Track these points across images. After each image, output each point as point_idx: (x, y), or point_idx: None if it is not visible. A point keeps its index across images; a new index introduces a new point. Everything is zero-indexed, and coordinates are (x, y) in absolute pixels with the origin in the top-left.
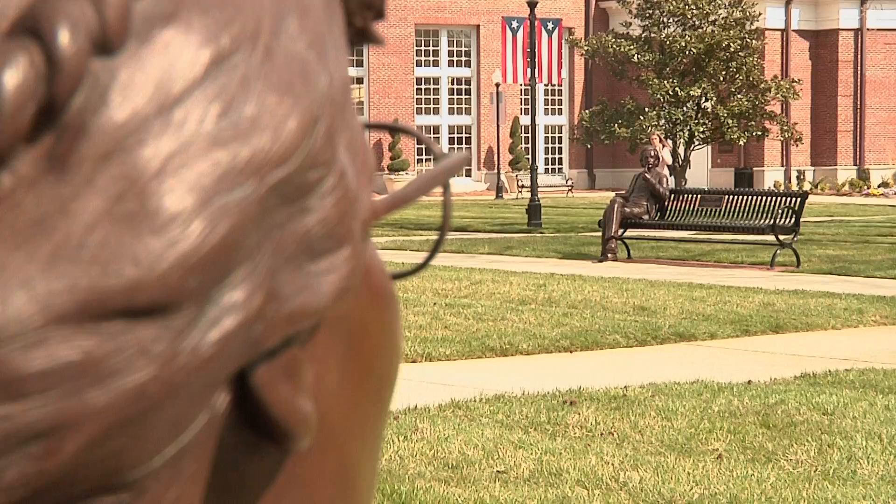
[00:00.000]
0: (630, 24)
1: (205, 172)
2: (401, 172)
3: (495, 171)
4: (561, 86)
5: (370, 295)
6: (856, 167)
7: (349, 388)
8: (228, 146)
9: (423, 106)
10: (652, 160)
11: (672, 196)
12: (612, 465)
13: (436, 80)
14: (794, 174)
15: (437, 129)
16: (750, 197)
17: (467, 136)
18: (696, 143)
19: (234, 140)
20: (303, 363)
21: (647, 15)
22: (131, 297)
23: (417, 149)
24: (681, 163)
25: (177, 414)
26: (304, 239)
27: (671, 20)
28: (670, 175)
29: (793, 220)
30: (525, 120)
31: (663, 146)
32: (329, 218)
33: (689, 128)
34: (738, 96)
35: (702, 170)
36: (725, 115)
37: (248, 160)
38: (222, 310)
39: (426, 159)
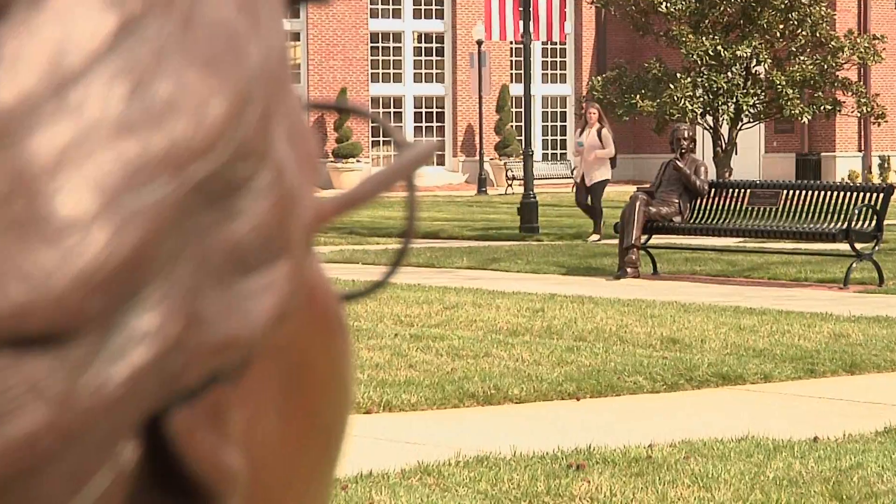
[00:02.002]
0: None
1: (109, 167)
2: (350, 160)
3: (476, 157)
4: (565, 44)
5: (314, 321)
6: None
7: (289, 437)
8: (139, 134)
9: (381, 71)
10: (686, 143)
11: (713, 191)
12: None
13: (397, 37)
14: (875, 162)
15: (398, 102)
16: (816, 192)
17: (439, 110)
18: (745, 120)
19: (146, 126)
20: (231, 406)
21: None
22: (19, 323)
23: (373, 128)
24: (724, 146)
25: (74, 468)
26: (233, 250)
27: None
28: (701, 168)
29: (874, 222)
30: (516, 90)
31: (600, 125)
32: (264, 223)
33: (734, 100)
34: (801, 58)
35: (752, 156)
36: (784, 82)
37: (164, 151)
38: (131, 338)
39: (384, 142)
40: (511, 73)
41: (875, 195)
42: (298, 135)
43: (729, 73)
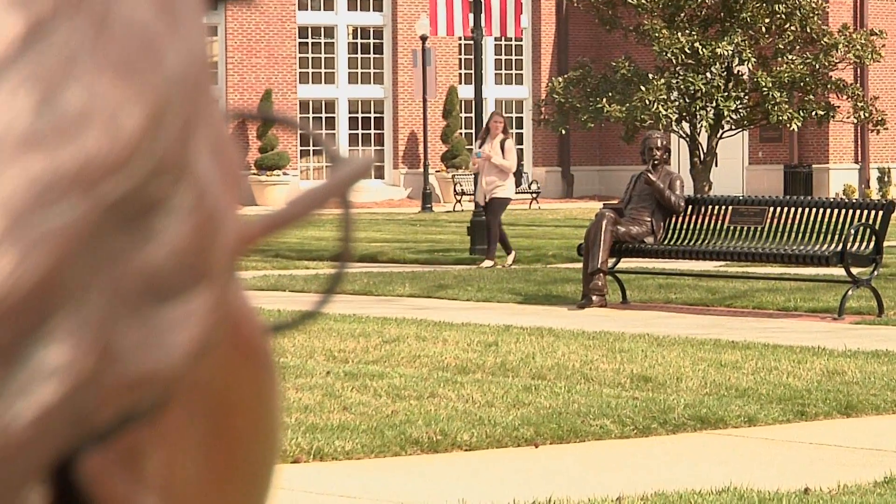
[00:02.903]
0: None
1: (14, 186)
2: (275, 172)
3: (420, 169)
4: (521, 40)
5: (239, 355)
6: None
7: (211, 481)
8: (47, 149)
9: (311, 71)
10: (659, 153)
11: (690, 208)
12: None
13: (329, 32)
14: (873, 175)
15: (331, 107)
16: (807, 209)
17: (378, 116)
18: (726, 127)
19: (55, 140)
20: (148, 448)
21: None
22: None
23: (302, 136)
24: (703, 157)
25: None
26: (149, 276)
27: None
28: (676, 182)
29: (872, 244)
30: (466, 92)
31: (504, 136)
32: (184, 248)
33: (714, 104)
34: (790, 56)
35: (735, 168)
36: (770, 84)
37: (75, 168)
38: (39, 374)
39: (315, 151)
40: (460, 74)
41: (873, 213)
42: (221, 148)
43: (708, 74)
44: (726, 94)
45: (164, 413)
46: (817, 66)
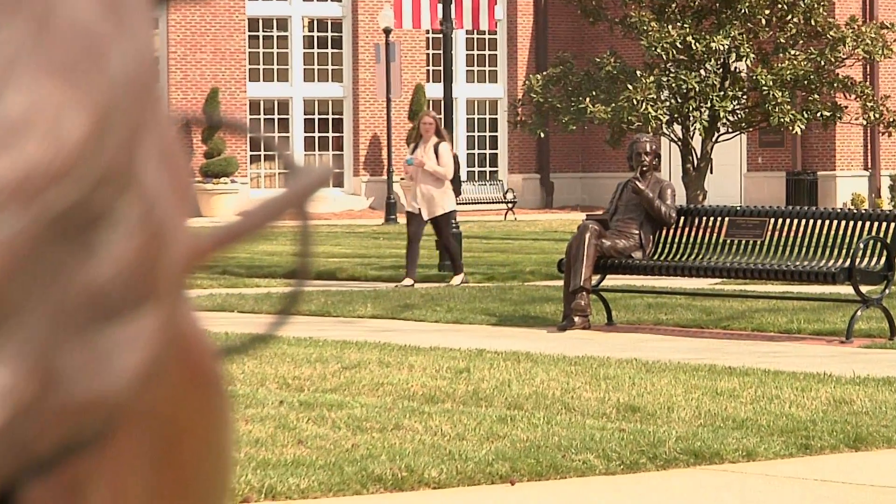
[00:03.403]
0: None
1: None
2: (223, 179)
3: (384, 177)
4: (495, 33)
5: (188, 380)
6: None
7: None
8: None
9: (262, 67)
10: (649, 158)
11: (682, 219)
12: None
13: (282, 24)
14: (884, 183)
15: (284, 107)
16: (811, 221)
17: (336, 117)
18: (723, 129)
19: None
20: (93, 479)
21: None
22: None
23: (252, 141)
24: (697, 163)
25: None
26: (93, 294)
27: None
28: (667, 191)
29: (883, 259)
30: (434, 91)
31: (438, 138)
32: (130, 263)
33: (709, 104)
34: (792, 52)
35: (732, 175)
36: (770, 83)
37: (14, 177)
38: None
39: (266, 156)
40: (427, 71)
41: (885, 225)
42: (170, 156)
43: (702, 71)
44: (722, 93)
45: (110, 441)
46: (822, 63)
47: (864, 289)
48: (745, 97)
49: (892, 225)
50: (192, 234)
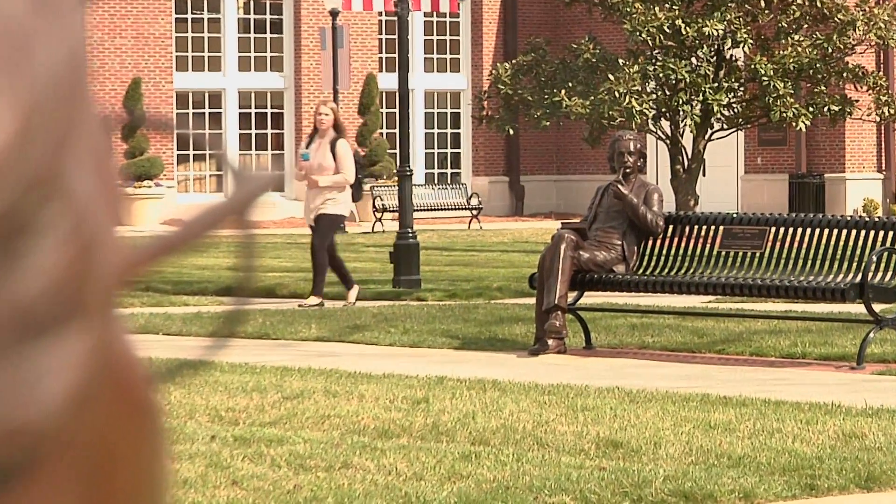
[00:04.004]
0: None
1: None
2: (146, 183)
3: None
4: (457, 16)
5: (122, 406)
6: None
7: None
8: None
9: (191, 54)
10: (633, 159)
11: (671, 228)
12: None
13: (214, 6)
14: None
15: (216, 100)
16: (818, 230)
17: (276, 111)
18: (717, 126)
19: None
20: None
21: None
22: None
23: (179, 138)
24: (688, 164)
25: None
26: (17, 311)
27: None
28: (653, 196)
29: None
30: (388, 82)
31: (336, 134)
32: (58, 277)
33: (701, 97)
34: (796, 38)
35: (727, 178)
36: (771, 72)
37: None
38: None
39: (196, 156)
40: (380, 59)
41: None
42: (101, 161)
43: (693, 59)
44: (716, 84)
45: (35, 474)
46: (830, 50)
47: (877, 307)
48: (742, 89)
49: None
50: (125, 246)
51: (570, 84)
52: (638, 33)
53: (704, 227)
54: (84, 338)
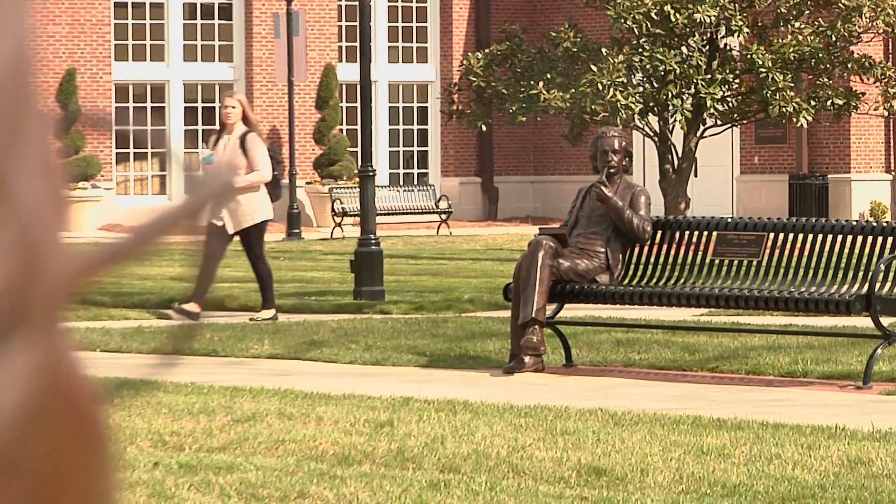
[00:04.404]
0: None
1: None
2: (81, 184)
3: (285, 180)
4: (425, 1)
5: (71, 424)
6: None
7: None
8: None
9: (131, 43)
10: (618, 158)
11: (660, 234)
12: None
13: None
14: None
15: (159, 93)
16: (820, 236)
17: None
18: (710, 122)
19: None
20: None
21: None
22: None
23: (118, 135)
24: (678, 164)
25: None
26: None
27: None
28: (640, 199)
29: None
30: (348, 73)
31: (247, 128)
32: (0, 288)
33: (692, 89)
34: (796, 25)
35: (721, 178)
36: (769, 63)
37: None
38: None
39: (138, 154)
40: (340, 48)
41: None
42: (47, 164)
43: (684, 49)
44: (709, 76)
45: None
46: (834, 38)
47: (885, 321)
48: (737, 81)
49: None
50: (73, 254)
51: (549, 76)
52: (623, 20)
53: (696, 232)
54: (30, 352)
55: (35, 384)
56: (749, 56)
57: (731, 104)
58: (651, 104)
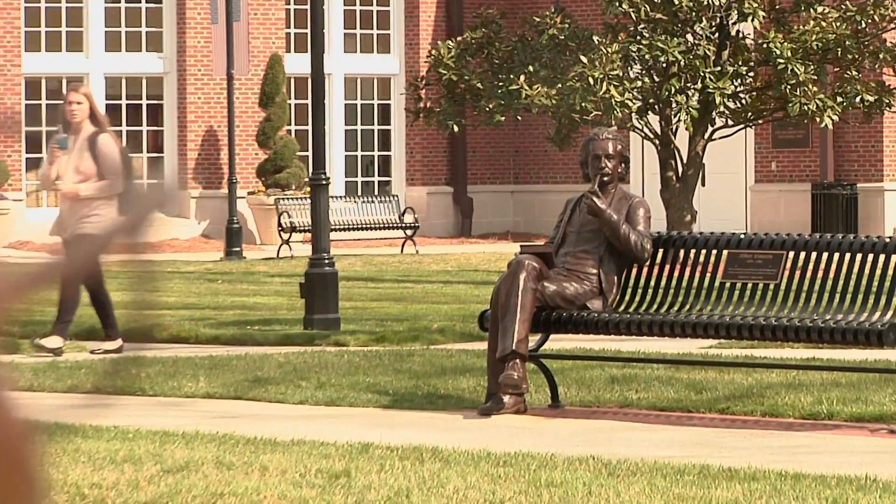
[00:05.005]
0: None
1: None
2: None
3: (224, 190)
4: None
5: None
6: None
7: None
8: None
9: (45, 30)
10: (612, 163)
11: (661, 253)
12: None
13: None
14: None
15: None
16: (848, 255)
17: (153, 102)
18: (720, 122)
19: None
20: None
21: None
22: None
23: (28, 138)
24: (682, 171)
25: None
26: None
27: None
28: (638, 211)
29: None
30: (297, 65)
31: (96, 128)
32: None
33: (700, 84)
34: (819, 9)
35: (733, 188)
36: (789, 52)
37: None
38: None
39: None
40: (288, 36)
41: None
42: None
43: (689, 37)
44: (719, 68)
45: None
46: (864, 25)
47: None
48: (751, 74)
49: None
50: (3, 274)
51: (532, 68)
52: (618, 3)
53: (704, 251)
54: None
55: None
56: (765, 45)
57: (744, 101)
58: (651, 101)
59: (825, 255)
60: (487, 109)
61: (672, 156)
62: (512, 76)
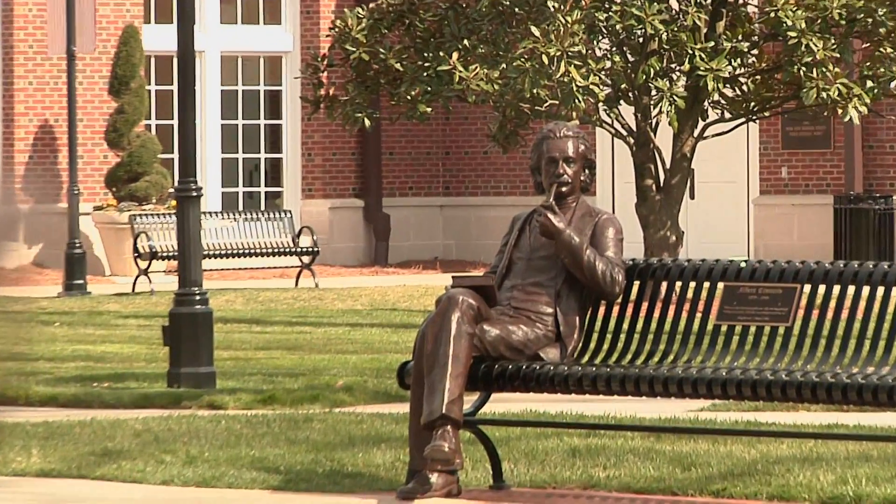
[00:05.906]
0: None
1: None
2: None
3: (62, 203)
4: None
5: None
6: None
7: None
8: None
9: None
10: (572, 170)
11: (636, 286)
12: None
13: None
14: None
15: None
16: (881, 288)
17: None
18: (713, 114)
19: None
20: None
21: None
22: None
23: None
24: (664, 178)
25: None
26: None
27: None
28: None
29: None
30: (159, 40)
31: None
32: None
33: (688, 65)
34: None
35: (731, 200)
36: (802, 24)
37: None
38: None
39: None
40: (148, 4)
41: None
42: None
43: (674, 2)
44: (712, 44)
45: None
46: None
47: None
48: (754, 52)
49: None
50: None
51: (467, 43)
52: None
53: (693, 283)
54: None
55: None
56: (773, 14)
57: (745, 88)
58: (624, 87)
59: (851, 288)
60: (409, 98)
61: (651, 159)
62: (441, 54)
